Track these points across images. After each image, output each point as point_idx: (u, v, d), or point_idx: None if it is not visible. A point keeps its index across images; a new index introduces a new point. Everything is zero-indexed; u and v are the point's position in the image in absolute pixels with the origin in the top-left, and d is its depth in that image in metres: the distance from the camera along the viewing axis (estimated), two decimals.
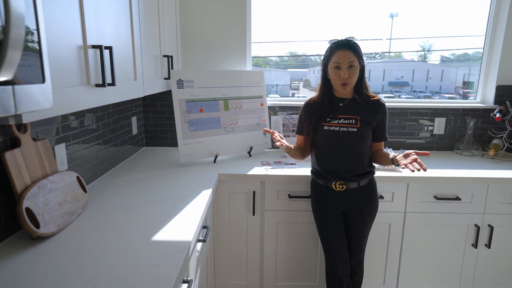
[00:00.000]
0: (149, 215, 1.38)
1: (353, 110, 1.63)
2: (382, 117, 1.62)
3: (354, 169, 1.64)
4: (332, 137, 1.62)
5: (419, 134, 2.51)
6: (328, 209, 1.71)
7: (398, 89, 2.71)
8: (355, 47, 1.55)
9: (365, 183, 1.67)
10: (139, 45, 1.52)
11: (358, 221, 1.69)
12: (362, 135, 1.60)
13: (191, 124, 2.06)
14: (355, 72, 1.55)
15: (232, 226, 2.00)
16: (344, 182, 1.65)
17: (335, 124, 1.62)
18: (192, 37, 2.39)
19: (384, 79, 2.75)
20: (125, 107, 2.16)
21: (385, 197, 1.95)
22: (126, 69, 1.41)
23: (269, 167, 2.04)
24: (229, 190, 1.96)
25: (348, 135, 1.60)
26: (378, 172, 1.94)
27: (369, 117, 1.61)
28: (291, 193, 1.96)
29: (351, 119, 1.61)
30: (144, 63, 1.60)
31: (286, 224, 2.00)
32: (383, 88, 2.77)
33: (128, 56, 1.42)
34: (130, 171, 1.95)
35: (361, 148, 1.63)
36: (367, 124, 1.61)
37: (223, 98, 2.19)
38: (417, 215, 1.97)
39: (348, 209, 1.70)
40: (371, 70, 2.70)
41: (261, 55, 2.66)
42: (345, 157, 1.63)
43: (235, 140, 2.22)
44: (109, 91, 1.21)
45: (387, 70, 2.71)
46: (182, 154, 2.03)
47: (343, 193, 1.67)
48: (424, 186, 1.94)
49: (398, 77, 2.71)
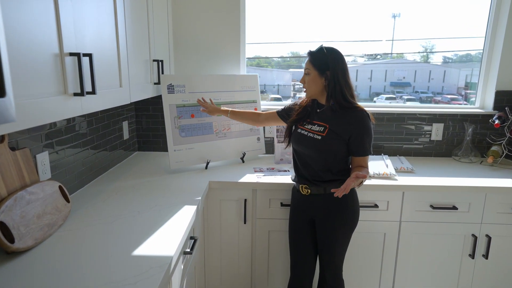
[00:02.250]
0: (133, 226, 1.34)
1: (325, 118, 1.59)
2: (357, 130, 1.53)
3: (318, 174, 1.60)
4: (300, 140, 1.63)
5: (416, 139, 2.45)
6: (297, 215, 1.71)
7: (400, 89, 2.68)
8: (314, 56, 1.56)
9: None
10: (125, 50, 1.48)
11: (327, 231, 1.63)
12: (326, 144, 1.55)
13: (182, 130, 2.02)
14: (309, 80, 1.57)
15: (223, 234, 1.96)
16: (308, 186, 1.62)
17: (306, 128, 1.63)
18: (184, 41, 2.35)
19: (386, 80, 2.72)
20: (116, 111, 2.12)
21: (380, 206, 1.90)
22: (110, 75, 1.36)
23: (262, 174, 1.99)
24: (220, 198, 1.92)
25: (312, 142, 1.58)
26: (372, 180, 1.90)
27: (340, 128, 1.54)
28: (283, 201, 1.91)
29: (321, 127, 1.58)
30: (131, 69, 1.55)
31: (278, 233, 1.96)
32: (385, 88, 2.73)
33: (112, 62, 1.38)
34: (119, 178, 1.91)
35: (326, 157, 1.57)
36: (335, 135, 1.55)
37: (215, 103, 2.14)
38: (413, 225, 1.92)
39: (316, 218, 1.66)
40: (373, 71, 2.67)
41: (263, 55, 2.63)
42: (310, 162, 1.62)
43: (227, 146, 2.18)
44: (89, 100, 1.17)
45: (389, 70, 2.68)
46: (172, 161, 1.98)
47: (311, 199, 1.64)
48: (420, 195, 1.89)
49: (400, 77, 2.67)
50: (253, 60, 2.60)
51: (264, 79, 2.84)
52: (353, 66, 2.80)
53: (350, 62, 2.95)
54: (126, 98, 1.50)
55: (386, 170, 1.99)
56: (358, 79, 3.27)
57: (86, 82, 1.12)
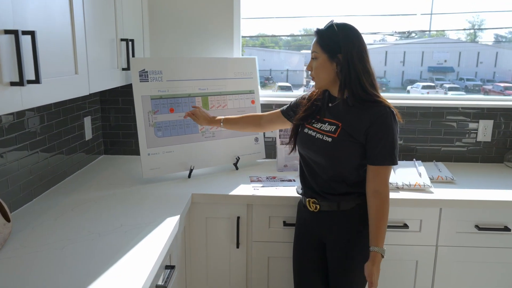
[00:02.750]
0: (90, 253, 1.30)
1: (338, 114, 1.55)
2: (376, 130, 1.48)
3: (329, 186, 1.56)
4: (307, 143, 1.60)
5: (459, 140, 2.41)
6: (304, 238, 1.68)
7: (441, 76, 2.64)
8: (321, 35, 1.52)
9: (350, 207, 1.57)
10: (82, 26, 1.44)
11: (340, 259, 1.58)
12: (338, 147, 1.51)
13: (158, 129, 1.98)
14: (318, 66, 1.53)
15: (210, 261, 1.92)
16: (317, 201, 1.58)
17: (314, 128, 1.60)
18: (163, 15, 2.31)
19: (423, 64, 2.67)
20: (75, 104, 2.09)
21: (410, 226, 1.86)
22: (62, 59, 1.33)
23: (259, 185, 1.95)
24: (206, 215, 1.88)
25: (322, 145, 1.54)
26: (401, 193, 1.86)
27: (355, 127, 1.50)
28: (286, 220, 1.88)
29: (332, 125, 1.55)
30: (90, 51, 1.52)
31: (280, 260, 1.92)
32: (422, 74, 2.69)
33: (65, 42, 1.34)
34: (78, 189, 1.88)
35: (339, 164, 1.54)
36: (349, 136, 1.50)
37: (202, 94, 2.11)
38: (453, 250, 1.88)
39: (327, 241, 1.62)
40: (406, 53, 2.62)
41: (269, 33, 2.57)
42: (319, 170, 1.58)
43: (216, 149, 2.15)
44: (32, 91, 1.13)
45: (427, 52, 2.63)
46: (145, 168, 1.95)
47: (320, 217, 1.60)
48: (462, 212, 1.85)
49: (441, 61, 2.62)
50: (256, 39, 2.54)
51: (270, 62, 2.77)
52: (381, 47, 2.75)
53: (377, 42, 2.88)
54: (83, 88, 1.47)
55: (418, 180, 1.94)
56: (387, 63, 3.19)
57: (28, 68, 1.08)
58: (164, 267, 1.46)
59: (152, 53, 2.35)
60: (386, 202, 1.49)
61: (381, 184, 1.50)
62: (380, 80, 4.78)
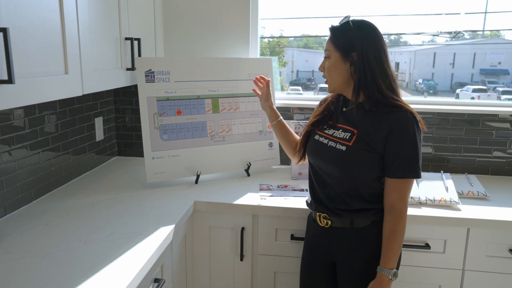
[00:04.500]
0: (72, 262, 1.24)
1: (353, 120, 1.40)
2: (395, 138, 1.32)
3: (342, 199, 1.41)
4: (317, 151, 1.47)
5: (497, 150, 2.17)
6: (313, 254, 1.54)
7: (494, 79, 2.47)
8: (335, 32, 1.39)
9: (365, 225, 1.41)
10: (75, 23, 1.38)
11: (353, 281, 1.43)
12: (353, 157, 1.36)
13: (163, 131, 1.90)
14: (330, 65, 1.40)
15: (213, 273, 1.83)
16: (328, 216, 1.44)
17: (326, 134, 1.46)
18: (177, 15, 2.24)
19: (475, 66, 2.53)
20: (85, 105, 2.06)
21: (433, 246, 1.67)
22: (48, 58, 1.27)
23: (268, 194, 1.83)
24: (210, 224, 1.78)
25: (334, 154, 1.39)
26: (423, 209, 1.68)
27: (372, 135, 1.35)
28: (295, 233, 1.74)
29: (347, 132, 1.40)
30: (86, 49, 1.46)
31: (288, 276, 1.79)
32: (473, 77, 2.55)
33: (52, 38, 1.28)
34: (80, 192, 1.84)
35: (354, 176, 1.39)
36: (365, 144, 1.35)
37: (212, 96, 2.01)
38: (482, 276, 1.68)
39: (338, 261, 1.47)
40: (456, 54, 2.49)
41: (312, 33, 2.51)
42: (331, 182, 1.43)
43: (227, 154, 2.04)
44: (5, 91, 1.07)
45: (479, 54, 2.48)
46: (149, 172, 1.88)
47: (332, 234, 1.46)
48: (494, 234, 1.64)
49: (494, 63, 2.46)
50: (300, 40, 2.48)
51: (313, 63, 2.64)
52: (430, 48, 2.65)
53: (426, 43, 2.78)
54: (75, 88, 1.41)
55: (444, 195, 1.75)
56: (435, 65, 3.08)
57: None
58: (152, 280, 1.37)
59: (166, 53, 2.29)
60: (401, 219, 1.34)
61: (398, 199, 1.34)
62: (428, 83, 4.54)
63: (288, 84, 2.97)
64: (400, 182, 1.34)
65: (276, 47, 2.71)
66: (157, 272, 1.42)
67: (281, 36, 2.60)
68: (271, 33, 2.49)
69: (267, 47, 2.64)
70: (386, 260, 1.33)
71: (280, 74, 2.84)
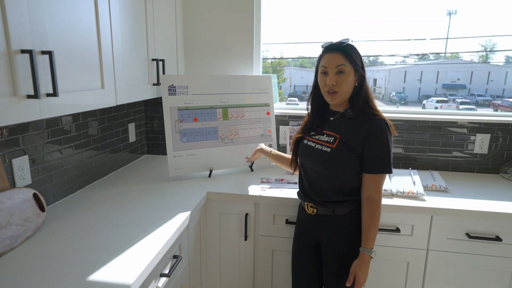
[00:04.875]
0: (106, 241, 1.22)
1: (338, 127, 1.36)
2: (371, 140, 1.28)
3: (324, 193, 1.38)
4: (306, 153, 1.42)
5: (456, 151, 2.11)
6: (302, 237, 1.50)
7: (453, 92, 2.43)
8: (347, 50, 1.30)
9: (345, 213, 1.37)
10: (110, 48, 1.36)
11: (334, 258, 1.39)
12: (336, 158, 1.32)
13: (183, 135, 1.88)
14: (346, 79, 1.29)
15: (223, 251, 1.79)
16: (314, 205, 1.41)
17: (314, 139, 1.42)
18: (195, 40, 2.22)
19: (438, 82, 2.49)
20: (119, 113, 2.04)
21: (402, 230, 1.62)
22: (87, 75, 1.25)
23: (267, 186, 1.80)
24: (220, 210, 1.75)
25: (320, 155, 1.35)
26: (394, 200, 1.63)
27: (352, 138, 1.31)
28: (289, 218, 1.70)
29: (331, 137, 1.36)
30: (119, 68, 1.44)
31: (283, 253, 1.75)
32: (436, 91, 2.51)
33: (91, 59, 1.26)
34: (116, 184, 1.81)
35: (337, 173, 1.34)
36: (347, 147, 1.31)
37: (222, 106, 1.98)
38: (443, 255, 1.62)
39: (323, 242, 1.43)
40: (423, 72, 2.46)
41: (306, 55, 2.49)
42: (318, 179, 1.39)
43: (234, 153, 2.01)
44: (50, 103, 1.05)
45: (442, 72, 2.45)
46: (171, 168, 1.85)
47: (317, 220, 1.42)
48: (453, 220, 1.59)
49: (454, 79, 2.41)
50: (297, 60, 2.47)
51: (307, 79, 2.63)
52: (402, 67, 2.65)
53: (398, 63, 2.81)
54: (110, 100, 1.39)
55: (412, 188, 1.70)
56: (406, 81, 3.07)
57: (43, 82, 1.00)
58: (172, 256, 1.35)
59: (186, 71, 2.26)
60: (378, 207, 1.30)
61: (375, 191, 1.31)
62: (400, 95, 4.51)
63: (287, 96, 2.97)
64: (375, 177, 1.30)
65: (277, 66, 2.71)
66: (175, 250, 1.40)
67: (281, 57, 2.60)
68: (273, 55, 2.48)
69: (270, 66, 2.64)
70: (367, 242, 1.30)
71: (280, 87, 2.83)
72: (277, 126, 2.24)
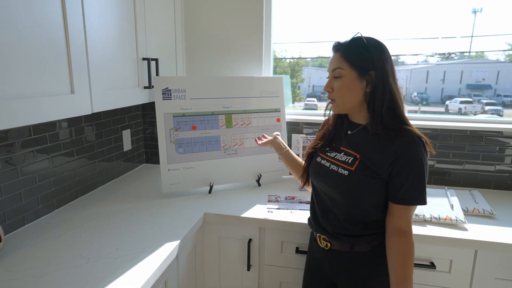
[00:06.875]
0: (67, 284, 0.96)
1: (357, 144, 1.07)
2: (402, 164, 0.98)
3: (341, 225, 1.09)
4: (319, 173, 1.14)
5: (499, 165, 1.77)
6: (313, 273, 1.22)
7: (478, 92, 2.32)
8: (348, 48, 1.03)
9: (366, 249, 1.08)
10: (83, 43, 1.11)
11: None
12: (355, 183, 1.03)
13: (179, 145, 1.62)
14: (343, 85, 1.04)
15: (223, 283, 1.52)
16: (327, 238, 1.12)
17: (328, 157, 1.13)
18: (198, 37, 1.96)
19: (462, 82, 2.37)
20: (111, 119, 1.80)
21: (438, 265, 1.31)
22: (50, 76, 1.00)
23: (275, 207, 1.51)
24: (219, 234, 1.48)
25: (336, 178, 1.07)
26: (428, 228, 1.32)
27: (376, 160, 1.01)
28: (299, 246, 1.42)
29: (349, 156, 1.07)
30: (96, 70, 1.18)
31: (293, 286, 1.46)
32: (460, 91, 2.39)
33: (54, 58, 1.01)
34: (101, 201, 1.57)
35: (354, 202, 1.05)
36: (369, 170, 1.02)
37: (225, 112, 1.71)
38: None
39: (339, 283, 1.14)
40: (446, 72, 2.36)
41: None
42: (332, 207, 1.11)
43: (238, 166, 1.73)
44: None
45: (466, 71, 2.35)
46: (165, 183, 1.59)
47: (332, 256, 1.13)
48: (504, 256, 1.27)
49: (479, 79, 2.27)
50: (316, 60, 2.27)
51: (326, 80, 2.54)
52: (424, 67, 2.52)
53: (420, 62, 2.70)
54: (83, 107, 1.13)
55: (450, 214, 1.38)
56: (428, 81, 3.07)
57: None
58: None
59: (188, 72, 2.00)
60: (410, 239, 1.01)
61: (405, 223, 1.01)
62: (421, 95, 4.26)
63: (305, 96, 2.84)
64: (405, 208, 1.01)
65: (296, 66, 2.59)
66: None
67: (300, 57, 2.47)
68: (292, 55, 2.33)
69: (289, 66, 2.53)
70: (406, 283, 0.98)
71: (298, 88, 2.68)
72: (289, 134, 1.95)
